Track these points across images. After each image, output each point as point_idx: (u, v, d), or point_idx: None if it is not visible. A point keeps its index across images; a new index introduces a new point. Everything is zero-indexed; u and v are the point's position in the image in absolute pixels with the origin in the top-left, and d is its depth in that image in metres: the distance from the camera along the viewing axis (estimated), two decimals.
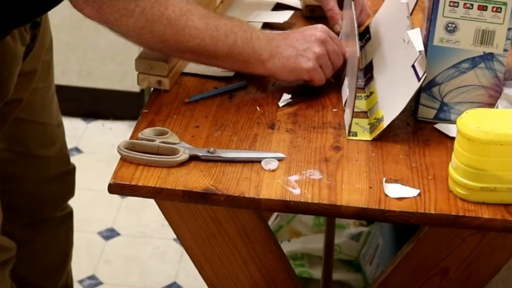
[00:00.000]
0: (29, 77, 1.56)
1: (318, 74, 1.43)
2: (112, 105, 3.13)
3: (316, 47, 1.42)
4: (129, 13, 1.30)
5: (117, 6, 1.30)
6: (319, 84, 1.44)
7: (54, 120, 1.71)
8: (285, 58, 1.41)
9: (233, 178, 1.23)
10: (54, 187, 1.76)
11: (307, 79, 1.44)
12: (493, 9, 1.31)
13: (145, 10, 1.30)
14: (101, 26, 1.35)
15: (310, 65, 1.42)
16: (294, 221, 2.27)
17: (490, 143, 1.16)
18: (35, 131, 1.66)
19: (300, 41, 1.43)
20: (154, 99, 1.42)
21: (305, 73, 1.43)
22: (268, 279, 1.36)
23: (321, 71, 1.43)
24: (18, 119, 1.60)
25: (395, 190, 1.22)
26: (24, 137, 1.65)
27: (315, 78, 1.43)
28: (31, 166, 1.69)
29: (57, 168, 1.75)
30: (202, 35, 1.35)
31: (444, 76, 1.36)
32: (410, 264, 1.34)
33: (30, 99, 1.59)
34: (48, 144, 1.71)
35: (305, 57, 1.42)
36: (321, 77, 1.44)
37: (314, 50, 1.42)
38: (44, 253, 1.81)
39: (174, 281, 2.42)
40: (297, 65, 1.42)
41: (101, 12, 1.30)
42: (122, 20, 1.31)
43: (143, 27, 1.32)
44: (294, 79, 1.44)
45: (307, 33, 1.45)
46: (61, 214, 1.81)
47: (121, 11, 1.30)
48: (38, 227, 1.77)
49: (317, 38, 1.43)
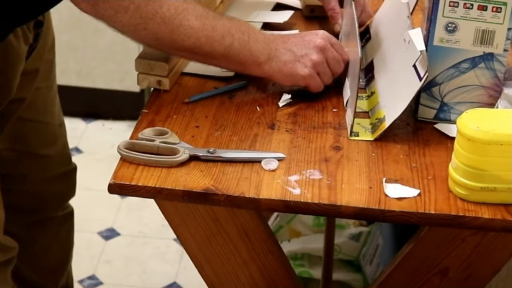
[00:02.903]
0: (31, 77, 1.57)
1: (314, 81, 1.43)
2: (112, 105, 3.13)
3: (314, 54, 1.42)
4: (123, 10, 1.31)
5: (112, 3, 1.31)
6: (316, 91, 1.44)
7: (56, 120, 1.71)
8: (283, 62, 1.41)
9: (233, 178, 1.23)
10: (56, 187, 1.76)
11: (303, 85, 1.43)
12: (493, 9, 1.31)
13: (140, 7, 1.31)
14: (101, 26, 1.36)
15: (307, 72, 1.42)
16: (294, 221, 2.27)
17: (490, 143, 1.16)
18: (37, 130, 1.67)
19: (299, 46, 1.43)
20: (154, 99, 1.42)
21: (301, 79, 1.42)
22: (268, 279, 1.36)
23: (318, 78, 1.43)
24: (20, 118, 1.60)
25: (395, 190, 1.22)
26: (26, 137, 1.65)
27: (311, 85, 1.43)
28: (33, 165, 1.69)
29: (59, 167, 1.75)
30: (197, 34, 1.35)
31: (444, 76, 1.36)
32: (410, 264, 1.34)
33: (33, 99, 1.60)
34: (50, 144, 1.71)
35: (302, 63, 1.42)
36: (318, 84, 1.44)
37: (311, 57, 1.42)
38: (45, 252, 1.81)
39: (174, 281, 2.42)
40: (294, 71, 1.42)
41: (96, 8, 1.31)
42: (117, 17, 1.32)
43: (138, 23, 1.32)
44: (290, 84, 1.44)
45: (307, 38, 1.44)
46: (62, 214, 1.81)
47: (115, 7, 1.31)
48: (40, 226, 1.77)
49: (316, 44, 1.43)
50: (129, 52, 2.88)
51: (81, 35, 3.00)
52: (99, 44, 3.02)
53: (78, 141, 3.01)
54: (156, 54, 1.43)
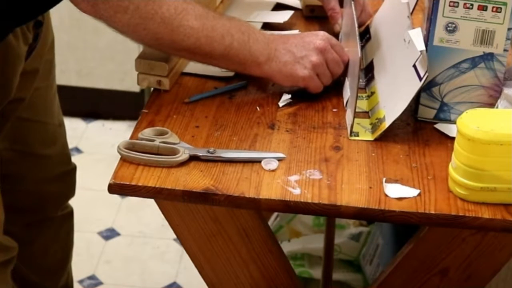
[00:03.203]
0: (31, 76, 1.57)
1: (314, 82, 1.43)
2: (112, 105, 3.13)
3: (314, 55, 1.42)
4: (123, 10, 1.31)
5: (111, 3, 1.31)
6: (315, 92, 1.44)
7: (55, 119, 1.71)
8: (282, 63, 1.41)
9: (233, 178, 1.23)
10: (55, 186, 1.76)
11: (302, 86, 1.43)
12: (493, 9, 1.31)
13: (139, 7, 1.31)
14: (101, 26, 1.36)
15: (306, 73, 1.41)
16: (294, 221, 2.27)
17: (490, 143, 1.16)
18: (36, 130, 1.67)
19: (299, 47, 1.42)
20: (154, 99, 1.42)
21: (301, 80, 1.42)
22: (268, 279, 1.36)
23: (317, 79, 1.43)
24: (20, 118, 1.60)
25: (395, 190, 1.22)
26: (26, 136, 1.65)
27: (310, 86, 1.43)
28: (32, 165, 1.69)
29: (59, 167, 1.75)
30: (197, 35, 1.35)
31: (444, 76, 1.36)
32: (410, 264, 1.34)
33: (32, 98, 1.60)
34: (50, 143, 1.71)
35: (301, 64, 1.41)
36: (318, 85, 1.43)
37: (311, 58, 1.42)
38: (45, 253, 1.81)
39: (174, 281, 2.42)
40: (293, 72, 1.41)
41: (96, 8, 1.31)
42: (116, 17, 1.32)
43: (137, 24, 1.32)
44: (290, 85, 1.44)
45: (307, 39, 1.44)
46: (61, 214, 1.81)
47: (115, 7, 1.31)
48: (39, 226, 1.77)
49: (316, 46, 1.43)
50: (129, 52, 2.87)
51: (81, 35, 3.00)
52: (99, 44, 3.02)
53: (78, 141, 3.01)
54: (156, 54, 1.43)
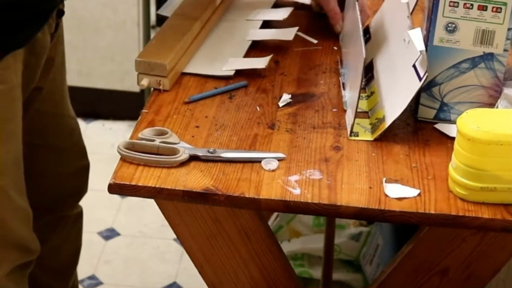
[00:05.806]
0: (49, 65, 1.58)
1: None
2: (112, 105, 3.13)
3: None
4: None
5: None
6: None
7: (70, 112, 1.73)
8: None
9: (233, 178, 1.23)
10: (72, 182, 1.76)
11: None
12: (493, 9, 1.31)
13: None
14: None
15: None
16: (294, 221, 2.27)
17: (490, 143, 1.16)
18: (54, 122, 1.68)
19: None
20: (154, 99, 1.42)
21: None
22: (268, 279, 1.36)
23: None
24: (38, 110, 1.61)
25: (395, 190, 1.22)
26: (44, 129, 1.66)
27: None
28: (50, 159, 1.69)
29: (76, 160, 1.75)
30: None
31: (444, 76, 1.36)
32: (410, 264, 1.34)
33: (50, 90, 1.61)
34: (67, 135, 1.72)
35: None
36: None
37: None
38: (56, 253, 1.80)
39: (174, 281, 2.42)
40: None
41: None
42: None
43: None
44: None
45: None
46: (74, 213, 1.81)
47: None
48: (54, 225, 1.77)
49: None
50: (129, 52, 2.87)
51: (81, 35, 3.00)
52: (99, 44, 3.02)
53: None
54: (156, 54, 1.43)
